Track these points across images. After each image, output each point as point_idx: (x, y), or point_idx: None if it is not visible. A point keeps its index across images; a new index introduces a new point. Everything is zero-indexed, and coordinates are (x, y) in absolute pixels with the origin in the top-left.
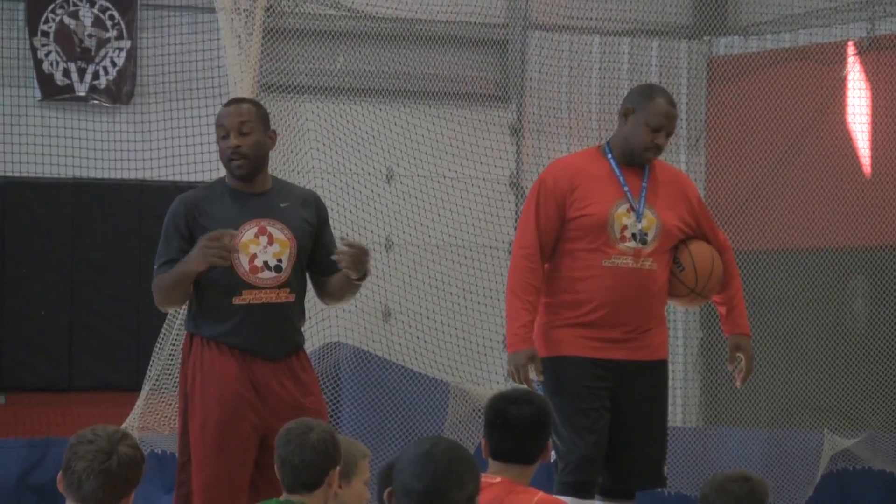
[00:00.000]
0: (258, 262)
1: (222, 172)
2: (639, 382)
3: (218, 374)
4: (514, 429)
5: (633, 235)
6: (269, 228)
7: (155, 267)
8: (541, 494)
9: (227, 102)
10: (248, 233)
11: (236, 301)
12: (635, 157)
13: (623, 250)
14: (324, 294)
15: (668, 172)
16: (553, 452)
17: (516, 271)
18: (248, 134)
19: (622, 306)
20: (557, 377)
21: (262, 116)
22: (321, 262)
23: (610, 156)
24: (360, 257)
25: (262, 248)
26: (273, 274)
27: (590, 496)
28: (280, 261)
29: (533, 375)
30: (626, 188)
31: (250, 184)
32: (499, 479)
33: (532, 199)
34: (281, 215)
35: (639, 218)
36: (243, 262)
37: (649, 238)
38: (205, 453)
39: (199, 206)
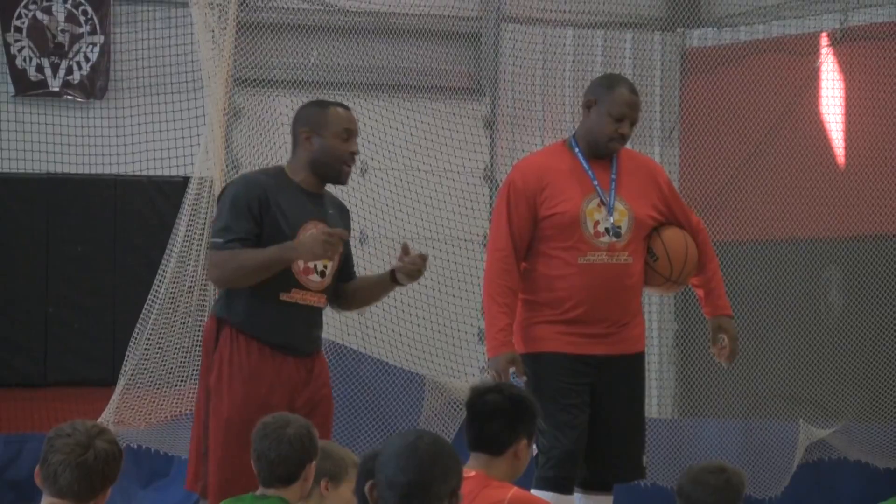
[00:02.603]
0: (310, 264)
1: (187, 167)
2: (618, 376)
3: (247, 372)
4: (479, 416)
5: (607, 230)
6: None
7: (219, 240)
8: (515, 490)
9: (335, 104)
10: (308, 232)
11: (283, 297)
12: (601, 149)
13: (597, 246)
14: (342, 300)
15: (636, 161)
16: (534, 447)
17: (492, 275)
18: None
19: (600, 302)
20: (538, 373)
21: None
22: (343, 270)
23: (577, 149)
24: (420, 271)
25: None
26: (318, 278)
27: (569, 491)
28: (325, 267)
29: (514, 377)
30: (595, 182)
31: (315, 185)
32: (473, 474)
33: (502, 200)
34: (330, 222)
35: (610, 212)
36: (299, 261)
37: (622, 231)
38: (226, 450)
39: (270, 194)
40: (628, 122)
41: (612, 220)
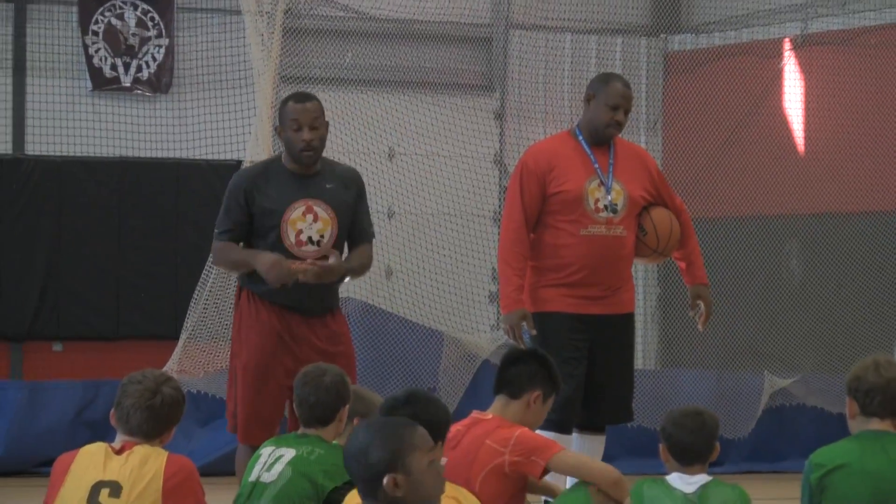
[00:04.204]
0: (303, 237)
1: (240, 152)
2: (611, 333)
3: (260, 324)
4: (506, 361)
5: (605, 206)
6: (315, 207)
7: (216, 230)
8: (523, 429)
9: (294, 97)
10: (296, 211)
11: None
12: (600, 135)
13: (597, 220)
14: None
15: (629, 149)
16: None
17: (507, 243)
18: (317, 128)
19: (598, 269)
20: (543, 330)
21: (322, 110)
22: (350, 233)
23: (581, 137)
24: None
25: (308, 224)
26: (314, 248)
27: (569, 432)
28: (322, 236)
29: (526, 332)
30: (596, 165)
31: (305, 167)
32: (490, 416)
33: (516, 180)
34: (326, 196)
35: (608, 191)
36: (290, 235)
37: (619, 207)
38: (246, 391)
39: (256, 183)
40: (622, 111)
41: (610, 198)
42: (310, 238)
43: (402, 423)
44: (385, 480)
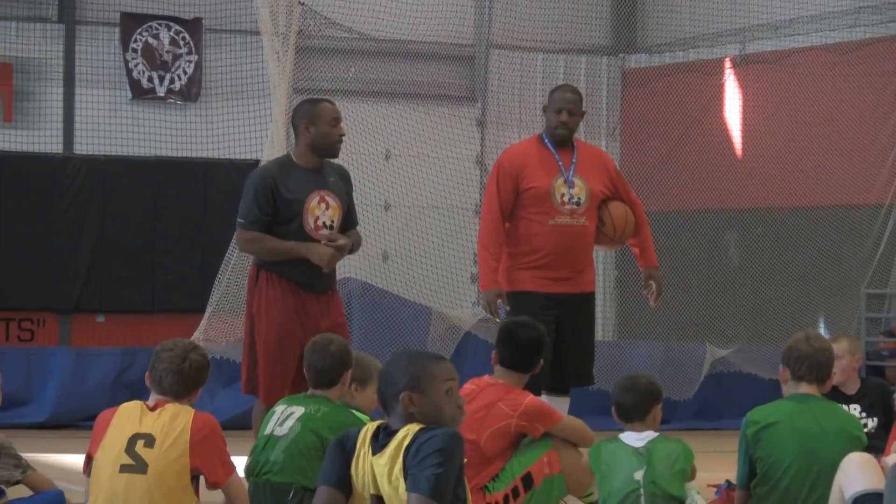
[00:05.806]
0: (319, 222)
1: (258, 152)
2: (575, 309)
3: (280, 302)
4: (522, 346)
5: (569, 200)
6: (326, 197)
7: (243, 220)
8: (531, 397)
9: (326, 101)
10: (313, 200)
11: None
12: (554, 137)
13: (563, 212)
14: None
15: (590, 151)
16: None
17: (485, 231)
18: None
19: (564, 253)
20: (517, 307)
21: None
22: (345, 220)
23: (547, 141)
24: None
25: (322, 211)
26: (327, 231)
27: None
28: (333, 222)
29: (501, 308)
30: (561, 164)
31: (315, 162)
32: (500, 382)
33: (493, 177)
34: (332, 187)
35: (570, 186)
36: (310, 221)
37: (581, 201)
38: (268, 360)
39: (277, 179)
40: (566, 112)
41: (573, 193)
42: (324, 223)
43: (427, 355)
44: (401, 396)
